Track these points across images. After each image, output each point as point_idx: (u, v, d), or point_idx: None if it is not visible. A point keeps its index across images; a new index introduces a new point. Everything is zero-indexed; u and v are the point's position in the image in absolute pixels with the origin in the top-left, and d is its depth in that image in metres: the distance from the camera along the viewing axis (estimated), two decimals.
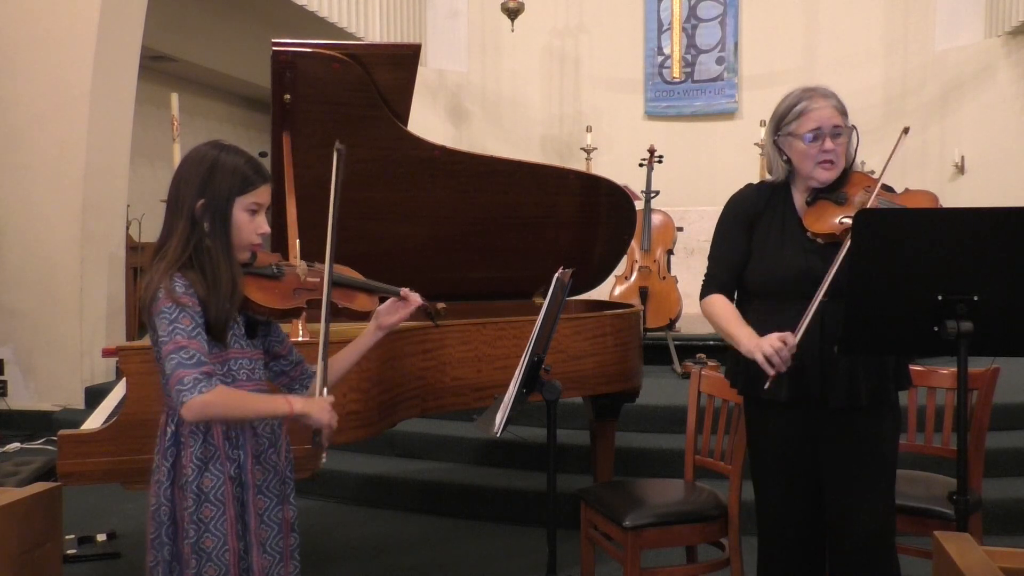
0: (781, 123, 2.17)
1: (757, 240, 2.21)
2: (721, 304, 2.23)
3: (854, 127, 2.15)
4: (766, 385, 2.03)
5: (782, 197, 2.23)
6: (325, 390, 1.75)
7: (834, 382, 2.10)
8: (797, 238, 2.15)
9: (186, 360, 1.59)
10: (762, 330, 2.18)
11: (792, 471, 2.23)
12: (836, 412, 2.13)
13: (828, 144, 2.10)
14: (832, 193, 2.14)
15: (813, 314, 2.01)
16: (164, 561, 1.70)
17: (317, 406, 1.70)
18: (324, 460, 1.77)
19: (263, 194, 1.75)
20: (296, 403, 1.70)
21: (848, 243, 1.93)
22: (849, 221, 1.98)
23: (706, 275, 2.29)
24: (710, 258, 2.30)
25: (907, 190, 2.17)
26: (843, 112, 2.12)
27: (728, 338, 2.18)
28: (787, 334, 2.01)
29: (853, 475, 2.14)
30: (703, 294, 2.27)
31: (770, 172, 2.26)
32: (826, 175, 2.13)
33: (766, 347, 2.01)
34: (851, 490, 2.15)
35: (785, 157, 2.18)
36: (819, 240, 2.10)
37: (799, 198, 2.20)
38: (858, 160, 2.25)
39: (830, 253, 2.04)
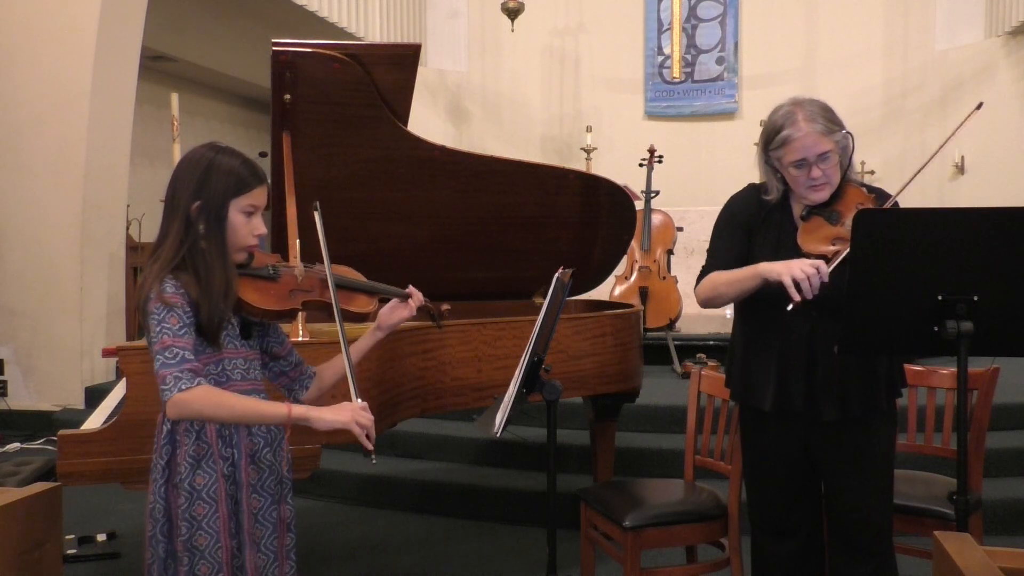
0: (768, 146, 2.13)
1: (754, 248, 2.19)
2: (717, 272, 2.16)
3: (848, 133, 2.10)
4: (789, 307, 1.94)
5: (780, 204, 2.19)
6: (356, 396, 1.71)
7: (824, 394, 2.09)
8: (792, 249, 2.11)
9: (170, 359, 1.60)
10: (754, 337, 2.18)
11: (787, 482, 2.23)
12: (829, 424, 2.11)
13: (815, 172, 2.06)
14: (826, 209, 2.10)
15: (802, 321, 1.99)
16: (160, 559, 1.71)
17: (330, 411, 1.67)
18: (374, 460, 1.72)
19: (259, 196, 1.75)
20: (296, 408, 1.68)
21: (836, 262, 1.94)
22: (838, 247, 1.99)
23: (703, 268, 2.25)
24: (708, 254, 2.27)
25: None
26: (829, 131, 2.05)
27: (745, 282, 2.07)
28: (820, 262, 1.95)
29: (850, 484, 2.14)
30: (698, 281, 2.22)
31: (768, 189, 2.20)
32: (818, 195, 2.10)
33: (797, 271, 1.93)
34: (848, 497, 2.15)
35: (779, 176, 2.15)
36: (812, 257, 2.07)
37: (796, 208, 2.18)
38: (857, 160, 2.22)
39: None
